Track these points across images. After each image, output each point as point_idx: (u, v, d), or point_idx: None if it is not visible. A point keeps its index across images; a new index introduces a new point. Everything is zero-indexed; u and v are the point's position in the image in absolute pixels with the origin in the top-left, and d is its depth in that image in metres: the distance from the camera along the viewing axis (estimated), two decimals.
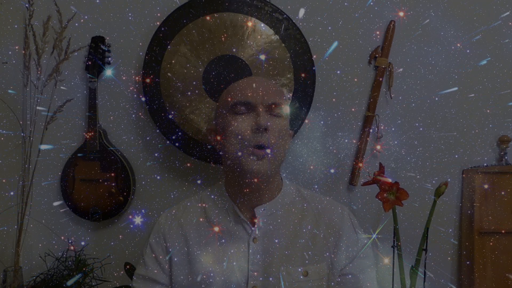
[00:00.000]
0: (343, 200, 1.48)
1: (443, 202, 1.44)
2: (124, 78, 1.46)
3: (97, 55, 1.41)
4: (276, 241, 1.01)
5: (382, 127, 1.45)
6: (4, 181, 1.43)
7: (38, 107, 1.40)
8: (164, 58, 1.37)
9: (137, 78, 1.45)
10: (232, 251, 1.00)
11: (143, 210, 1.47)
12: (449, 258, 1.48)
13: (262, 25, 1.37)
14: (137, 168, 1.48)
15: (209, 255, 1.00)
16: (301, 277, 0.99)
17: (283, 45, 1.38)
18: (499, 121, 1.46)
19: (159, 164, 1.48)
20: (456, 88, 1.42)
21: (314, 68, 1.39)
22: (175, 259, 1.02)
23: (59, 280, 1.35)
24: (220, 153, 1.03)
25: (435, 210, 1.23)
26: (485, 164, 1.45)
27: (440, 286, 1.47)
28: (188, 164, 1.47)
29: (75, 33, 1.43)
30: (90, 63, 1.42)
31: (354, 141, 1.47)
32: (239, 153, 0.96)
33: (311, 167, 1.45)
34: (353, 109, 1.47)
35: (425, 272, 1.29)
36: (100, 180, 1.42)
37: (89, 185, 1.42)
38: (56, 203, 1.48)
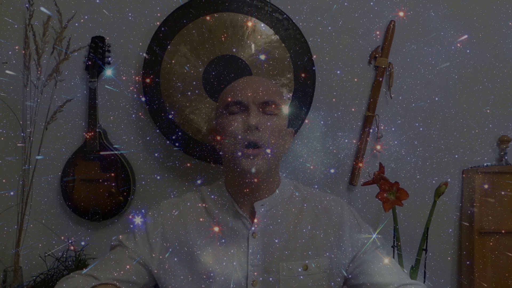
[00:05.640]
0: (343, 200, 1.48)
1: (443, 202, 1.44)
2: (124, 78, 1.46)
3: (97, 55, 1.41)
4: (276, 236, 1.01)
5: (382, 127, 1.45)
6: (4, 181, 1.43)
7: (38, 107, 1.40)
8: (164, 58, 1.37)
9: (137, 78, 1.45)
10: (232, 248, 1.00)
11: (143, 210, 1.47)
12: (449, 258, 1.48)
13: (262, 25, 1.37)
14: (137, 168, 1.48)
15: (209, 253, 1.00)
16: (301, 270, 0.99)
17: (283, 45, 1.38)
18: (499, 121, 1.46)
19: (159, 164, 1.48)
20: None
21: (314, 68, 1.39)
22: (175, 259, 1.02)
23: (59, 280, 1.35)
24: (220, 153, 1.04)
25: (435, 210, 1.24)
26: (485, 164, 1.45)
27: (440, 286, 1.47)
28: (188, 164, 1.47)
29: (75, 33, 1.43)
30: (90, 63, 1.42)
31: (354, 141, 1.47)
32: (234, 153, 0.97)
33: (311, 167, 1.45)
34: (353, 109, 1.47)
35: (425, 272, 1.29)
36: (100, 180, 1.42)
37: (89, 185, 1.42)
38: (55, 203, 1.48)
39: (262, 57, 1.36)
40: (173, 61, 1.37)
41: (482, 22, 1.45)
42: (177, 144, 1.39)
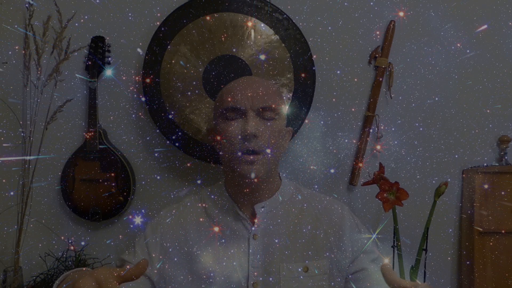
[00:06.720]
0: (343, 200, 1.48)
1: (443, 202, 1.44)
2: (124, 78, 1.46)
3: (97, 55, 1.41)
4: (276, 237, 1.01)
5: (382, 127, 1.45)
6: (4, 181, 1.43)
7: (38, 107, 1.40)
8: (164, 58, 1.37)
9: (137, 78, 1.45)
10: (232, 248, 1.00)
11: (143, 210, 1.47)
12: (449, 258, 1.48)
13: (262, 25, 1.37)
14: (137, 168, 1.48)
15: (209, 254, 1.00)
16: (301, 270, 0.99)
17: (283, 45, 1.38)
18: (499, 121, 1.46)
19: (159, 164, 1.48)
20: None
21: (314, 68, 1.39)
22: (175, 259, 1.02)
23: None
24: (220, 153, 1.04)
25: (435, 210, 1.23)
26: (485, 164, 1.45)
27: (440, 286, 1.47)
28: (188, 164, 1.47)
29: (75, 33, 1.43)
30: (90, 63, 1.42)
31: (354, 141, 1.47)
32: (233, 154, 0.97)
33: (311, 167, 1.45)
34: (353, 109, 1.47)
35: (425, 272, 1.29)
36: (100, 180, 1.42)
37: (89, 185, 1.42)
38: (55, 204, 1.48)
39: (262, 57, 1.36)
40: (173, 61, 1.37)
41: (482, 22, 1.45)
42: (177, 144, 1.39)
